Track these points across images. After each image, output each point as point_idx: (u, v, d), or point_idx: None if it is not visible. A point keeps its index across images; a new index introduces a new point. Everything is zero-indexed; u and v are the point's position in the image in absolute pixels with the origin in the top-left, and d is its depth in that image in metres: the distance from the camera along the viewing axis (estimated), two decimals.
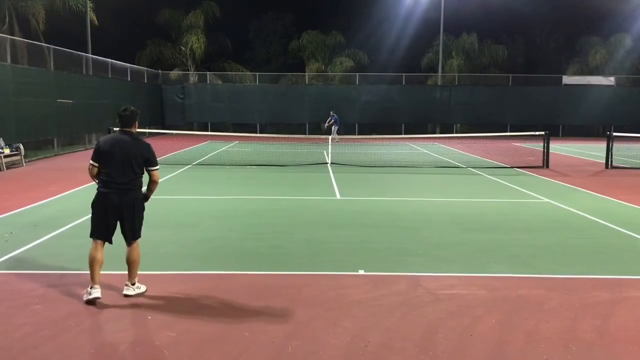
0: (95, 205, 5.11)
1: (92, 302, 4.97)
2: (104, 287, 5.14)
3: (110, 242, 5.18)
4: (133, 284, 5.23)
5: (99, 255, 5.09)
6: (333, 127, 27.05)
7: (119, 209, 5.06)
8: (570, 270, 6.29)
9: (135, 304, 5.03)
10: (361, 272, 6.07)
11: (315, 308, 5.01)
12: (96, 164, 5.11)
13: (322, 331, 4.51)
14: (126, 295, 5.14)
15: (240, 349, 4.19)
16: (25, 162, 16.07)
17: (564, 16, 38.87)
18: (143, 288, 5.29)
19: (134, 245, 5.22)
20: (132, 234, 5.18)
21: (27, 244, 7.03)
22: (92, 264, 5.05)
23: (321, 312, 4.93)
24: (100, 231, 5.10)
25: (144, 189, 5.28)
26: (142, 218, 5.27)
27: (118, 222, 5.14)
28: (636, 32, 36.63)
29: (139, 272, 5.30)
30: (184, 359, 4.03)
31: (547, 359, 4.07)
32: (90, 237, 5.15)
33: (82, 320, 4.70)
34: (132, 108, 5.24)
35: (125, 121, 5.19)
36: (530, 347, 4.26)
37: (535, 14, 39.43)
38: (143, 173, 5.17)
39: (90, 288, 5.03)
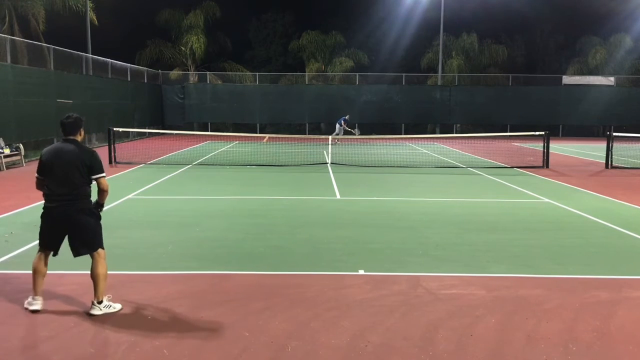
0: (42, 218, 4.86)
1: (35, 311, 4.81)
2: (106, 286, 5.13)
3: (55, 254, 4.95)
4: (100, 302, 4.81)
5: (42, 267, 4.88)
6: (338, 128, 26.79)
7: (63, 223, 4.79)
8: (570, 270, 6.29)
9: (135, 304, 5.03)
10: (361, 272, 6.07)
11: (315, 308, 5.01)
12: (42, 177, 4.83)
13: (322, 331, 4.51)
14: (91, 315, 4.75)
15: (240, 349, 4.19)
16: (25, 162, 16.07)
17: (564, 16, 38.88)
18: (117, 307, 4.87)
19: (97, 257, 4.85)
20: (87, 247, 4.86)
21: (27, 244, 7.02)
22: (35, 274, 4.87)
23: (321, 312, 4.93)
24: (45, 244, 4.89)
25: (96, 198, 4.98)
26: (95, 228, 4.90)
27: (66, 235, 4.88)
28: (636, 32, 36.62)
29: (143, 272, 5.22)
30: (183, 359, 4.03)
31: (547, 359, 4.08)
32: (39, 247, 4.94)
33: (82, 320, 4.70)
34: (76, 115, 4.95)
35: (69, 129, 4.87)
36: (530, 347, 4.26)
37: (535, 14, 39.44)
38: (89, 182, 4.84)
39: (32, 299, 4.86)
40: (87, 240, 4.86)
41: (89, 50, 24.63)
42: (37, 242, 4.99)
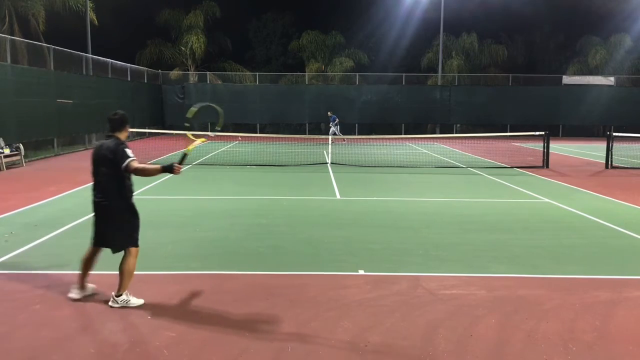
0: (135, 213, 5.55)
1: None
2: (105, 287, 5.15)
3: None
4: (118, 296, 5.01)
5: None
6: (333, 128, 26.90)
7: None
8: (570, 270, 6.29)
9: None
10: (361, 272, 6.07)
11: (315, 308, 5.01)
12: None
13: (322, 331, 4.51)
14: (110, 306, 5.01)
15: (240, 349, 4.19)
16: (25, 162, 16.06)
17: (564, 16, 38.88)
18: (136, 302, 5.06)
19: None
20: None
21: (27, 244, 7.03)
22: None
23: (321, 312, 4.93)
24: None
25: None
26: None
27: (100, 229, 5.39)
28: (636, 32, 36.61)
29: (143, 272, 5.30)
30: (184, 359, 4.03)
31: (547, 359, 4.08)
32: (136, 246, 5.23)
33: (82, 320, 4.70)
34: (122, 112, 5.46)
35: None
36: (530, 347, 4.26)
37: (535, 14, 39.41)
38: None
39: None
40: None
41: (89, 50, 24.61)
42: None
